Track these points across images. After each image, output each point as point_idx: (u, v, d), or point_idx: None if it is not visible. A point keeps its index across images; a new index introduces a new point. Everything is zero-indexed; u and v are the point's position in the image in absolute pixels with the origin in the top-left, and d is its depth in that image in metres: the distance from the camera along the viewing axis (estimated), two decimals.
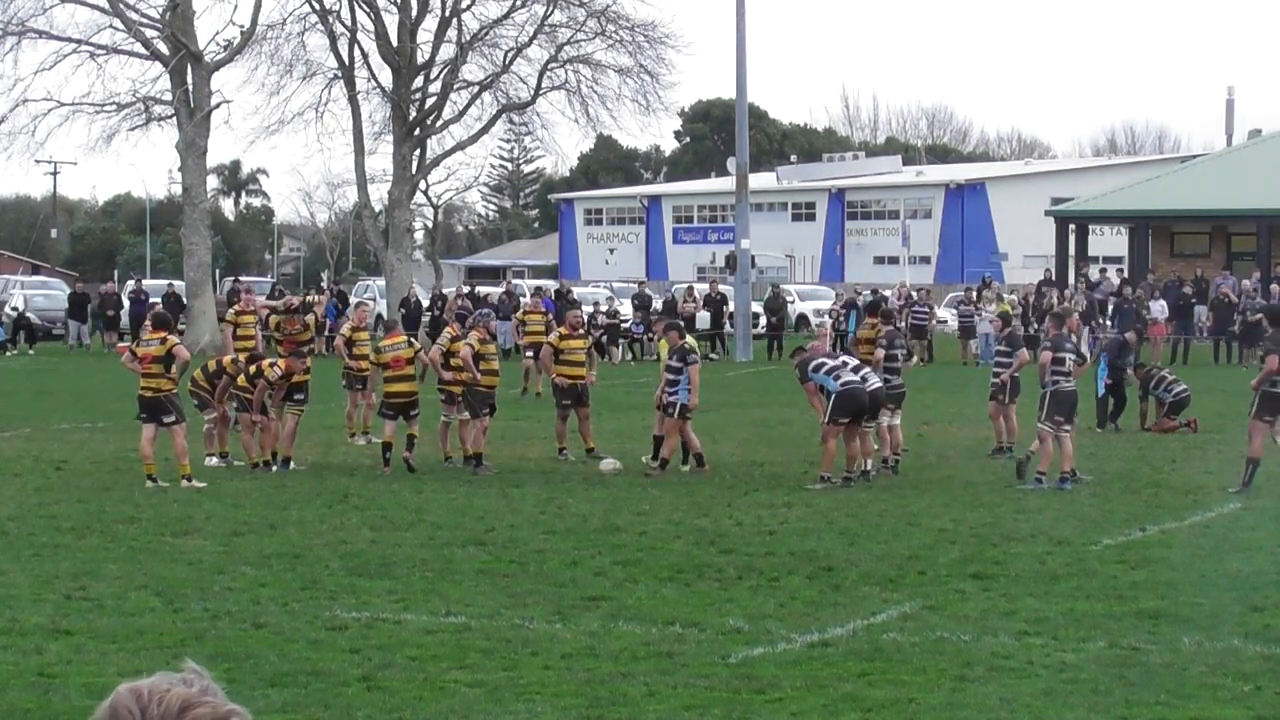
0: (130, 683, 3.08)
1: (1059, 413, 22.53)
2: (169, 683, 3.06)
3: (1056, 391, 22.62)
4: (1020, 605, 14.55)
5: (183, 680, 3.08)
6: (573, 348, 25.30)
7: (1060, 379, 22.63)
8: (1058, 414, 22.52)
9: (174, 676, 3.09)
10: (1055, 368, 22.67)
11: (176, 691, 3.04)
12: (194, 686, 3.06)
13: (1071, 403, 22.72)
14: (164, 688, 3.05)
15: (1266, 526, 19.28)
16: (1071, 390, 22.72)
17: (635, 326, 56.00)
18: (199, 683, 3.08)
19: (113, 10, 57.96)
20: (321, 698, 11.46)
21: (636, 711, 11.15)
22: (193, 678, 3.09)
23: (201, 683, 3.08)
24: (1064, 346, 23.03)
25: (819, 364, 22.61)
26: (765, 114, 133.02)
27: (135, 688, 3.06)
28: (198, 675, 3.09)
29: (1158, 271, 60.86)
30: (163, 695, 3.04)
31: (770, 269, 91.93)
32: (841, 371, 22.47)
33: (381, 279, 64.88)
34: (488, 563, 16.77)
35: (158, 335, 22.80)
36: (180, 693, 3.04)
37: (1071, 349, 23.26)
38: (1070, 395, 22.70)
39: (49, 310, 65.18)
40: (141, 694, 3.04)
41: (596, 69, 62.26)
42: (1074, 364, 22.87)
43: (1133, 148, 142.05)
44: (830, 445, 22.48)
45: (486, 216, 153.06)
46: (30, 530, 18.76)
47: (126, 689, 3.07)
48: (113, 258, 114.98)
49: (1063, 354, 22.79)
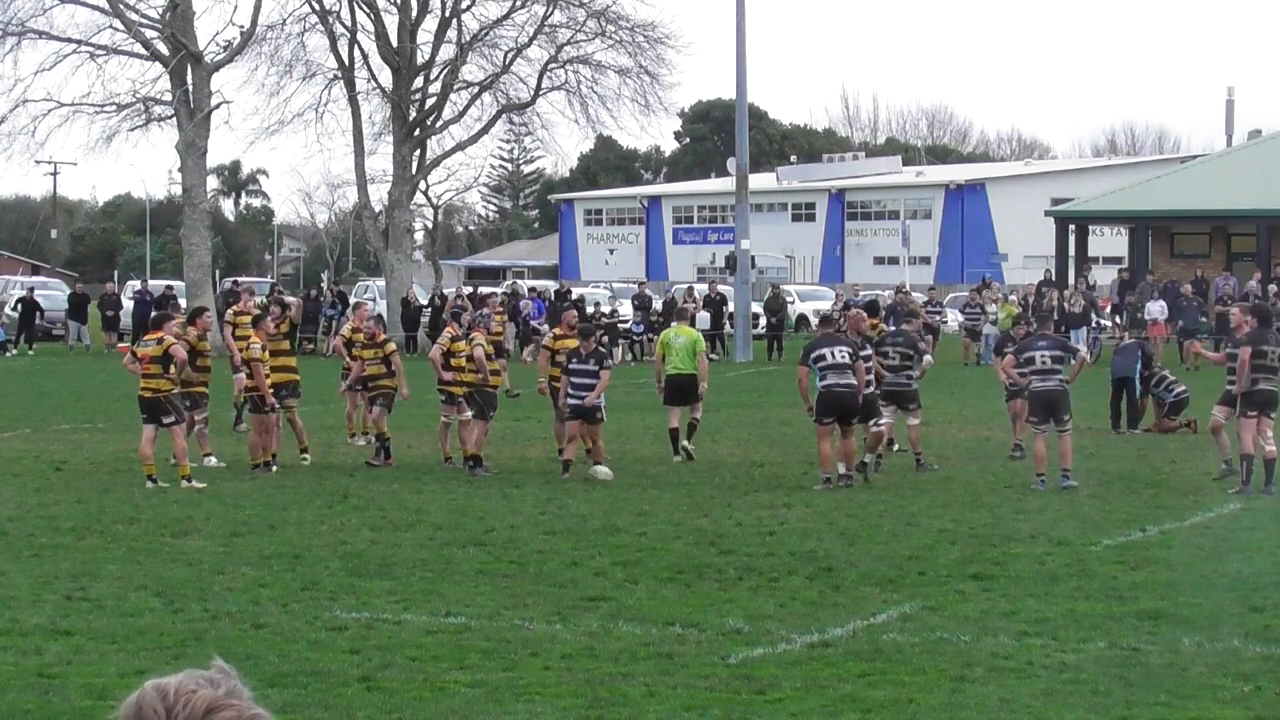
0: (157, 680, 3.04)
1: (1034, 413, 22.87)
2: (195, 683, 3.01)
3: (1032, 392, 22.79)
4: (1020, 606, 14.55)
5: (209, 680, 3.03)
6: (567, 348, 25.29)
7: (1034, 379, 22.70)
8: (1033, 414, 22.91)
9: (201, 676, 3.04)
10: (1024, 368, 22.86)
11: (203, 693, 3.00)
12: (220, 688, 3.02)
13: (1044, 402, 22.62)
14: (190, 688, 3.00)
15: (1266, 527, 19.28)
16: (1044, 390, 22.63)
17: (635, 327, 56.00)
18: (226, 683, 3.03)
19: (113, 11, 57.94)
20: (321, 698, 11.46)
21: (636, 712, 11.15)
22: (220, 678, 3.04)
23: (229, 683, 3.03)
24: (1034, 345, 23.01)
25: (819, 355, 22.62)
26: (765, 114, 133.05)
27: (162, 687, 3.01)
28: (225, 675, 3.05)
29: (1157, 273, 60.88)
30: (189, 697, 2.99)
31: (770, 269, 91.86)
32: (829, 372, 22.46)
33: (381, 280, 64.86)
34: (488, 563, 16.77)
35: (155, 336, 22.82)
36: (207, 694, 3.00)
37: (1046, 346, 23.03)
38: (1042, 395, 22.64)
39: (49, 311, 65.16)
40: (168, 694, 3.00)
41: (596, 69, 62.27)
42: (1050, 362, 22.71)
43: (1133, 148, 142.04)
44: (821, 446, 22.55)
45: (486, 217, 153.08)
46: (30, 531, 18.76)
47: (153, 687, 3.02)
48: (113, 258, 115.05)
49: (1032, 353, 22.80)
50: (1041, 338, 23.43)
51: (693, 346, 26.32)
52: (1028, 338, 23.94)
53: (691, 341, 26.44)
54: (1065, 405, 22.66)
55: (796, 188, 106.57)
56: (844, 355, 22.59)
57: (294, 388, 25.70)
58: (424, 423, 29.86)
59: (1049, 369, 22.64)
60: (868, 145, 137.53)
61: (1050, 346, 23.05)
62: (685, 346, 26.29)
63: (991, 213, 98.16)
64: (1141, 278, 58.69)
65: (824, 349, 22.75)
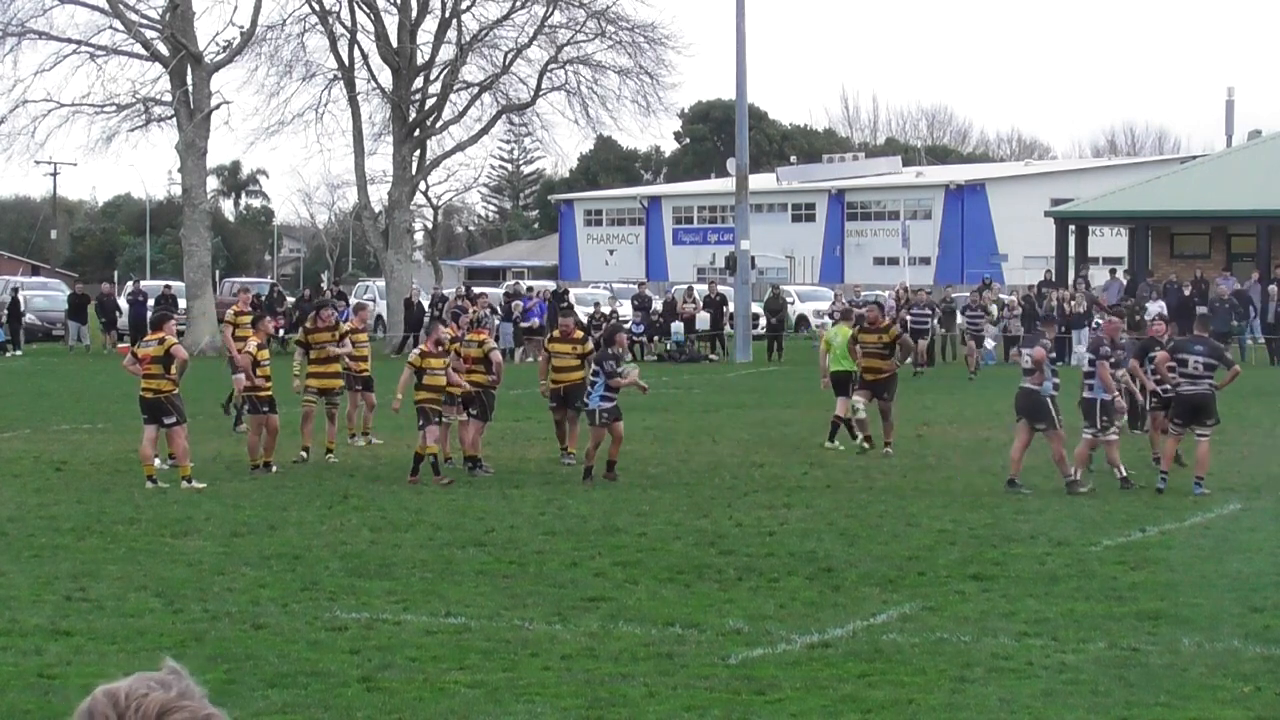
0: (107, 685, 3.02)
1: (1178, 415, 22.77)
2: (147, 686, 2.98)
3: (1179, 394, 22.78)
4: (1020, 606, 14.55)
5: (160, 683, 2.99)
6: (559, 351, 25.41)
7: (1184, 382, 22.63)
8: (1177, 416, 22.80)
9: (152, 678, 3.00)
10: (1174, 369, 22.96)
11: (155, 696, 2.96)
12: (172, 690, 2.98)
13: (1191, 405, 22.42)
14: (141, 692, 2.97)
15: (1266, 527, 19.29)
16: (1193, 393, 22.40)
17: (635, 327, 56.01)
18: (178, 684, 2.99)
19: (112, 11, 57.93)
20: (321, 698, 11.46)
21: (636, 712, 11.15)
22: (171, 679, 3.00)
23: (180, 684, 3.00)
24: (1189, 348, 22.79)
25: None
26: (765, 115, 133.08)
27: (112, 691, 2.98)
28: (176, 676, 3.01)
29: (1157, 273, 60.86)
30: (140, 700, 2.95)
31: (770, 270, 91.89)
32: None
33: (381, 280, 64.86)
34: (487, 564, 16.77)
35: (156, 336, 22.81)
36: (158, 697, 2.96)
37: (1202, 352, 22.76)
38: (1191, 398, 22.42)
39: (49, 311, 65.20)
40: (119, 699, 2.97)
41: (596, 70, 62.25)
42: (1202, 369, 22.58)
43: (1133, 148, 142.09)
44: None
45: (486, 217, 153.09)
46: (30, 531, 18.76)
47: (103, 692, 2.99)
48: (112, 259, 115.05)
49: (1186, 355, 22.60)
50: (1198, 341, 23.00)
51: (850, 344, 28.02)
52: (1182, 339, 23.43)
53: (849, 340, 28.04)
54: (1211, 410, 22.49)
55: (796, 188, 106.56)
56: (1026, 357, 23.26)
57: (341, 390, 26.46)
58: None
59: (1200, 374, 22.45)
60: (868, 145, 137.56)
61: (1206, 353, 22.67)
62: (844, 345, 28.01)
63: (991, 213, 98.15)
64: (1141, 278, 58.66)
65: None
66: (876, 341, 27.10)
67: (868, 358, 27.05)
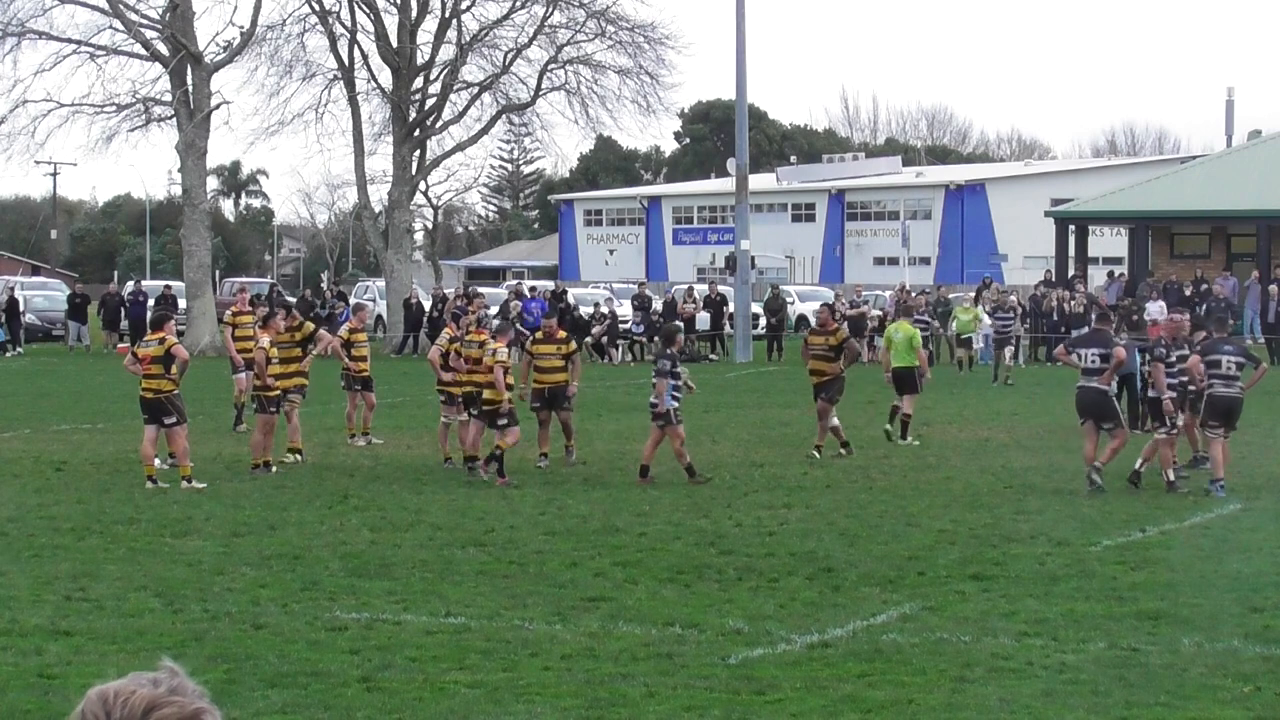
0: (100, 685, 3.04)
1: (1213, 418, 22.64)
2: (136, 684, 3.01)
3: (1212, 396, 22.69)
4: (1020, 606, 14.55)
5: (152, 680, 3.02)
6: (542, 353, 25.36)
7: (1218, 384, 22.62)
8: (1212, 419, 22.67)
9: (145, 677, 3.03)
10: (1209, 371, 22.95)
11: (142, 693, 2.99)
12: (162, 686, 3.01)
13: (1226, 408, 22.33)
14: (130, 689, 3.00)
15: (1266, 527, 19.29)
16: (1227, 395, 22.39)
17: (635, 327, 55.98)
18: (169, 682, 3.02)
19: (112, 11, 57.93)
20: (321, 699, 11.46)
21: (636, 712, 11.15)
22: (163, 677, 3.03)
23: (172, 681, 3.02)
24: (1220, 349, 22.80)
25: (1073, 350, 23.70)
26: (765, 115, 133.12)
27: (103, 692, 3.01)
28: (170, 673, 3.04)
29: (1157, 273, 60.87)
30: (128, 697, 2.98)
31: (770, 270, 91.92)
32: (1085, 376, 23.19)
33: (381, 280, 64.87)
34: (487, 564, 16.77)
35: (156, 336, 22.81)
36: (146, 694, 2.99)
37: (1232, 352, 22.65)
38: (1225, 400, 22.38)
39: (49, 311, 65.21)
40: (108, 698, 3.00)
41: (596, 70, 62.25)
42: (1235, 369, 22.59)
43: (1132, 149, 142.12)
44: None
45: (486, 217, 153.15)
46: (30, 531, 18.76)
47: (95, 693, 3.03)
48: (112, 259, 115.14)
49: (1219, 356, 22.60)
50: (1226, 342, 23.00)
51: (909, 341, 28.77)
52: (1211, 340, 23.28)
53: (908, 337, 28.89)
54: (1239, 412, 22.59)
55: (796, 188, 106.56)
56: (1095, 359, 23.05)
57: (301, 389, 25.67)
58: (424, 423, 29.88)
59: (1233, 375, 22.42)
60: (867, 146, 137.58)
61: (1236, 352, 22.71)
62: (903, 341, 28.73)
63: (991, 213, 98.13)
64: (1141, 278, 58.67)
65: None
66: (824, 344, 26.87)
67: (815, 360, 26.85)
